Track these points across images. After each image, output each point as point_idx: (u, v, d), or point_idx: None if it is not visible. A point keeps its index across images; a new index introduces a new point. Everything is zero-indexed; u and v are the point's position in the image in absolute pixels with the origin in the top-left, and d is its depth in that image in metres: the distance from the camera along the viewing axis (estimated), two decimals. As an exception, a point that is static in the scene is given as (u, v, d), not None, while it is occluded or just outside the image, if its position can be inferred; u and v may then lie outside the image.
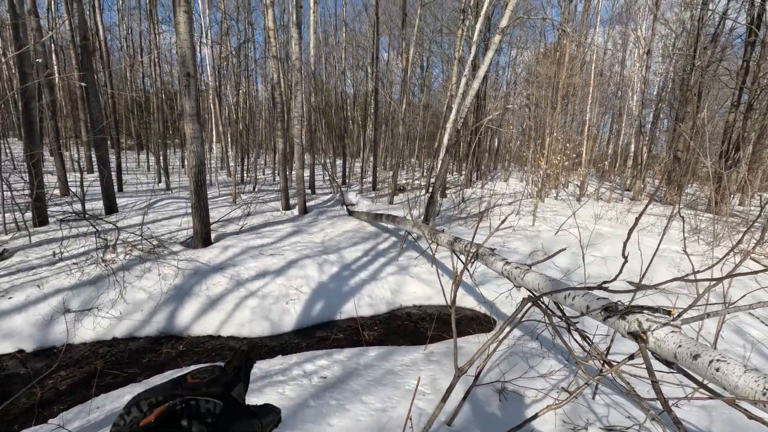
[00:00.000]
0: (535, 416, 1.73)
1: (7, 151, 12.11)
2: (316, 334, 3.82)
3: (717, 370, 1.29)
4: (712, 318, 3.35)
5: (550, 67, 11.66)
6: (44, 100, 7.80)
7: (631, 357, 1.73)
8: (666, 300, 4.03)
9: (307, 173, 12.30)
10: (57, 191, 7.87)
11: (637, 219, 1.30)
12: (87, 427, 2.20)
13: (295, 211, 7.88)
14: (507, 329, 1.95)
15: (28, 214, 5.48)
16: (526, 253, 5.74)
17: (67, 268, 4.18)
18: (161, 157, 11.39)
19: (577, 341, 2.21)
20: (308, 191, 10.89)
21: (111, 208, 6.67)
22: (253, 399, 2.27)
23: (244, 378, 0.48)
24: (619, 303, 1.72)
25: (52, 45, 12.30)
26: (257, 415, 0.45)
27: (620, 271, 1.37)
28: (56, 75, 8.30)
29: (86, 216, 4.96)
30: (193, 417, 0.39)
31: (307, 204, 8.69)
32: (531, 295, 1.97)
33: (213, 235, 5.53)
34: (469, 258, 2.29)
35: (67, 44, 12.12)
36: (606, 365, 2.06)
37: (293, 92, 7.48)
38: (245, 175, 13.45)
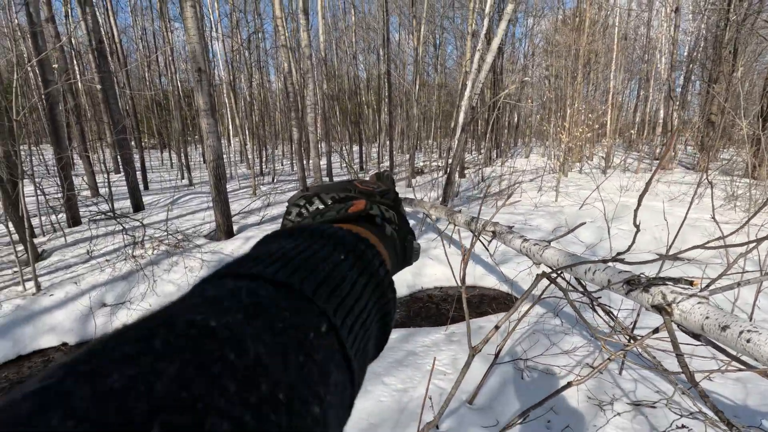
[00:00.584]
0: (557, 392, 1.70)
1: (41, 157, 12.72)
2: (338, 319, 3.88)
3: (748, 341, 1.22)
4: (748, 287, 3.18)
5: (570, 35, 11.11)
6: (68, 105, 8.10)
7: (656, 331, 1.67)
8: (698, 271, 3.86)
9: (324, 161, 12.35)
10: (88, 192, 8.23)
11: (648, 183, 1.22)
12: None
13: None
14: (523, 307, 1.92)
15: (62, 216, 5.76)
16: (549, 230, 5.60)
17: (100, 265, 4.39)
18: (182, 154, 11.68)
19: (601, 316, 2.15)
20: (326, 179, 10.95)
21: (138, 206, 6.92)
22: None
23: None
24: (642, 275, 1.65)
25: (72, 51, 12.68)
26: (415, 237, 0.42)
27: (632, 242, 1.31)
28: (75, 79, 8.58)
29: (114, 215, 5.17)
30: (384, 220, 0.36)
31: (326, 192, 8.74)
32: (546, 271, 1.92)
33: (235, 227, 5.66)
34: (477, 236, 2.24)
35: (85, 49, 12.47)
36: (632, 340, 2.00)
37: (305, 80, 7.46)
38: (264, 166, 13.64)
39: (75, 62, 13.35)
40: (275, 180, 11.14)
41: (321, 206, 0.37)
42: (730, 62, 9.73)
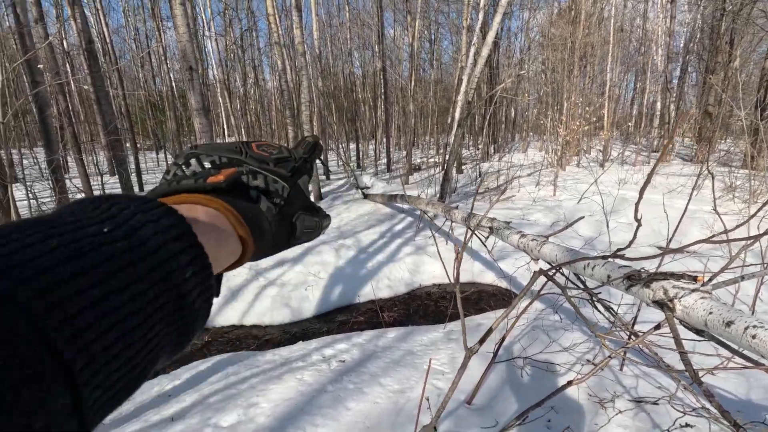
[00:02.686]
0: (557, 391, 1.66)
1: (35, 159, 12.60)
2: (336, 319, 3.84)
3: (753, 337, 1.18)
4: (749, 280, 3.14)
5: (566, 28, 11.04)
6: (60, 107, 8.00)
7: (657, 327, 1.63)
8: (699, 264, 3.82)
9: (320, 159, 12.23)
10: (82, 195, 8.15)
11: (649, 176, 1.17)
12: (115, 421, 2.28)
13: (311, 198, 7.90)
14: (521, 304, 1.87)
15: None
16: (548, 224, 5.55)
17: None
18: (178, 155, 11.57)
19: (600, 312, 2.11)
20: (323, 177, 10.88)
21: (133, 207, 6.86)
22: (272, 386, 2.29)
23: (308, 171, 0.42)
24: (642, 270, 1.61)
25: (63, 52, 12.53)
26: (318, 212, 0.40)
27: (634, 237, 1.27)
28: (65, 80, 8.45)
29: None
30: (262, 192, 0.34)
31: (322, 190, 8.69)
32: (545, 267, 1.87)
33: (230, 228, 5.60)
34: (472, 232, 2.20)
35: (76, 50, 12.34)
36: (632, 336, 1.96)
37: (300, 78, 7.38)
38: (260, 166, 13.50)
39: (66, 63, 13.20)
40: (272, 179, 11.06)
41: (199, 170, 0.33)
42: (726, 52, 9.67)
